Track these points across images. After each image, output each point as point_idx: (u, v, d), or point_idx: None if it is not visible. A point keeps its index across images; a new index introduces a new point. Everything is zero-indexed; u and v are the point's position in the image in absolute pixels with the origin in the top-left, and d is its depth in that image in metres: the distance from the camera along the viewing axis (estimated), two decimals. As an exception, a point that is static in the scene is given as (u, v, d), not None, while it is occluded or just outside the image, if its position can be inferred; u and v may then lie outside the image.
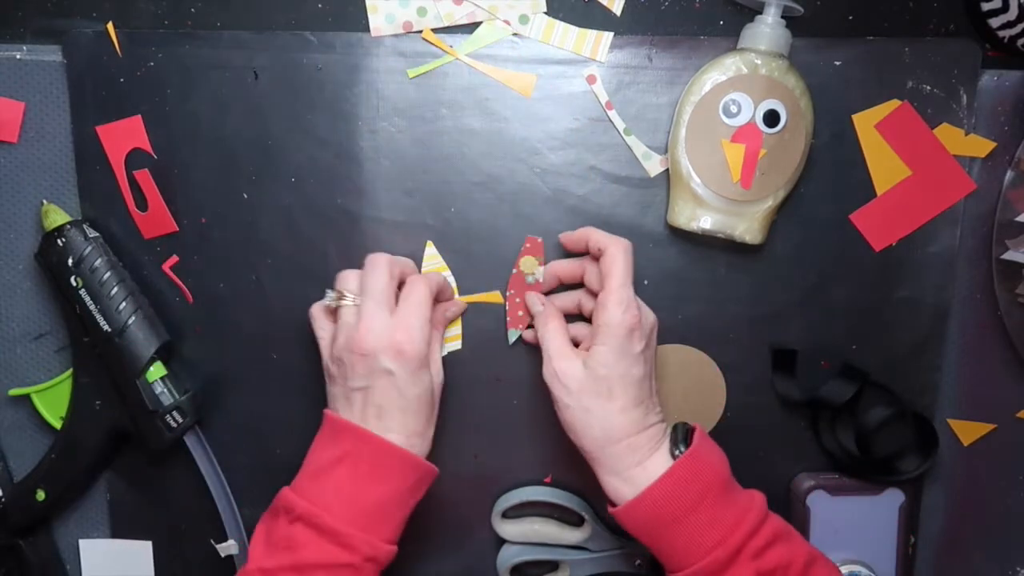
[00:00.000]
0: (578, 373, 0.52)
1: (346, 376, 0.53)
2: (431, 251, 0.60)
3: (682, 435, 0.53)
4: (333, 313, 0.56)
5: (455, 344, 0.61)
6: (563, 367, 0.53)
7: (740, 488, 0.53)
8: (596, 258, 0.56)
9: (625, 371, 0.52)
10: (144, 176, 0.59)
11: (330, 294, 0.55)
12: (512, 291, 0.59)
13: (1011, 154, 0.58)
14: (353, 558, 0.50)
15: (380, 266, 0.54)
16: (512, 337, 0.60)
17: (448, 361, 0.60)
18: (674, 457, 0.52)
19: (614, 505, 0.53)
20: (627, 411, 0.52)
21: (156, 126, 0.59)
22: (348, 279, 0.55)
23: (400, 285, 0.56)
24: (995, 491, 0.63)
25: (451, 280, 0.60)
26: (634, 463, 0.52)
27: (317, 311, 0.57)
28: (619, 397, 0.52)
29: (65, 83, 0.58)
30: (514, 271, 0.59)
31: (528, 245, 0.59)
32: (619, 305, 0.52)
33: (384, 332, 0.52)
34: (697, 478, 0.51)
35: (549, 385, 0.54)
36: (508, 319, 0.60)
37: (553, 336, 0.55)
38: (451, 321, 0.60)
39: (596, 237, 0.55)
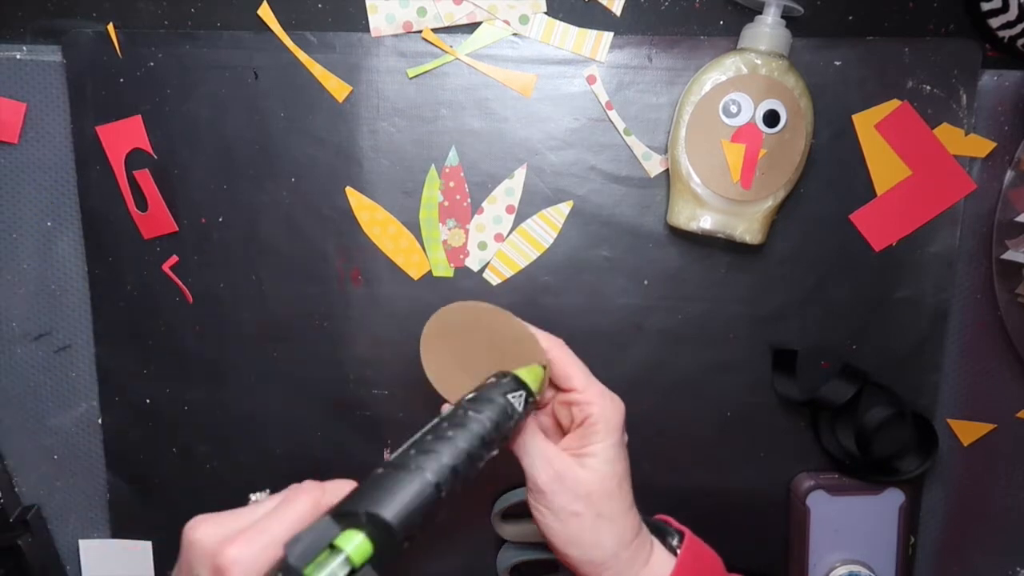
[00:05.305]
0: (585, 475, 0.46)
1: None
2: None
3: (657, 526, 0.50)
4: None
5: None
6: (567, 471, 0.46)
7: None
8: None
9: (624, 466, 0.48)
10: (144, 176, 0.59)
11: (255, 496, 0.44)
12: None
13: (1011, 154, 0.58)
14: None
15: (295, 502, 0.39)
16: None
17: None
18: (673, 550, 0.49)
19: None
20: (632, 508, 0.48)
21: (156, 126, 0.59)
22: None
23: None
24: (995, 491, 0.63)
25: None
26: (642, 563, 0.47)
27: None
28: (627, 494, 0.48)
29: (65, 83, 0.58)
30: None
31: None
32: (605, 395, 0.48)
33: (216, 534, 0.39)
34: (702, 563, 0.49)
35: (550, 495, 0.46)
36: None
37: (543, 441, 0.47)
38: None
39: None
